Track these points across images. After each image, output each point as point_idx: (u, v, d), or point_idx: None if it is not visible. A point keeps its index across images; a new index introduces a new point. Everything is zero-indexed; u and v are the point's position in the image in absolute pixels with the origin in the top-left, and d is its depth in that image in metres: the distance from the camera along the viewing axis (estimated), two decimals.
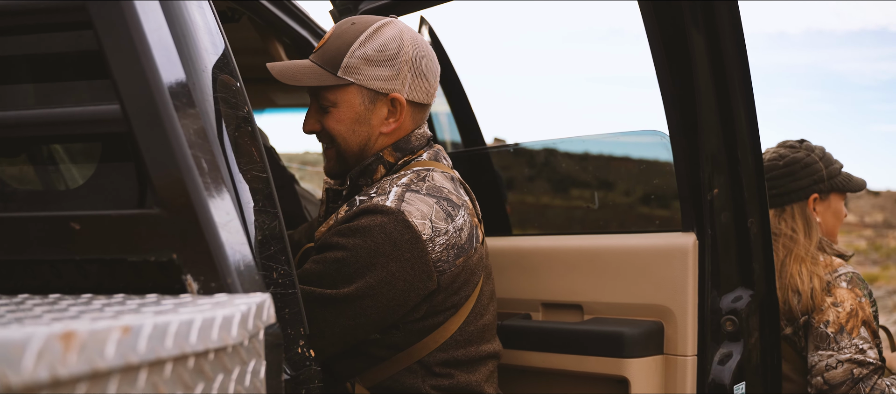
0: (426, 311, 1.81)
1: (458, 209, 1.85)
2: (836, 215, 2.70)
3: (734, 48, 2.01)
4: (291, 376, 1.41)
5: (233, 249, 1.21)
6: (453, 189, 1.89)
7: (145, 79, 1.15)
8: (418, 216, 1.76)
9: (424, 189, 1.83)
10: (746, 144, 2.08)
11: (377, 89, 1.87)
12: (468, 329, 1.89)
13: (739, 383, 2.11)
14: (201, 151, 1.23)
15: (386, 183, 1.87)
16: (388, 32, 1.87)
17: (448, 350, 1.86)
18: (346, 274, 1.72)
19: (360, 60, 1.85)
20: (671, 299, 2.11)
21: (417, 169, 1.91)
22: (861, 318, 2.46)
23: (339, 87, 1.86)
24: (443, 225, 1.79)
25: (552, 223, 3.03)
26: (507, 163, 3.03)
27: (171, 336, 0.81)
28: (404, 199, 1.78)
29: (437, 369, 1.85)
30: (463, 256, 1.83)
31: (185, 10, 1.41)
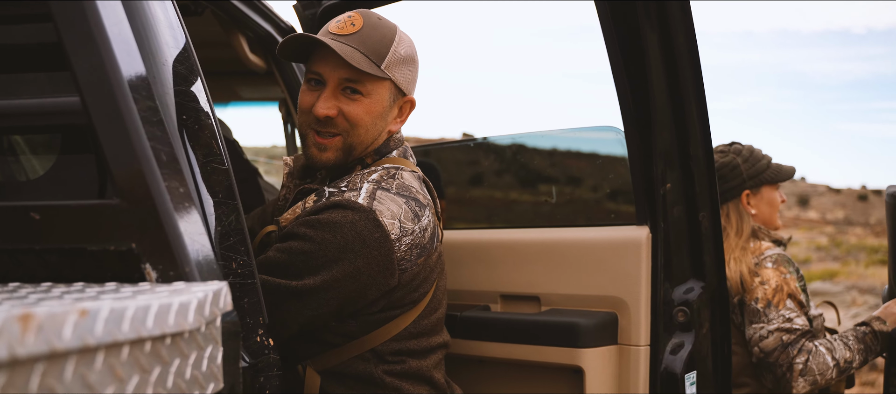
0: (384, 305, 1.85)
1: (423, 209, 1.89)
2: (770, 204, 3.02)
3: (686, 48, 2.07)
4: (250, 363, 1.44)
5: (191, 239, 1.24)
6: (420, 189, 1.94)
7: (105, 72, 1.17)
8: (388, 216, 1.79)
9: (394, 187, 1.86)
10: (698, 140, 2.14)
11: (404, 90, 1.95)
12: (422, 323, 1.94)
13: (691, 372, 2.17)
14: (160, 143, 1.25)
15: (357, 178, 1.89)
16: (406, 38, 1.96)
17: (401, 341, 1.91)
18: (313, 266, 1.75)
19: (398, 59, 1.91)
20: (625, 291, 2.17)
21: (387, 166, 1.94)
22: (786, 292, 2.80)
23: (377, 79, 1.90)
24: (410, 225, 1.83)
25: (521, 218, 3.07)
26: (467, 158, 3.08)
27: (128, 320, 0.84)
28: (376, 197, 1.81)
29: (390, 356, 1.90)
30: (424, 256, 1.87)
31: (147, 5, 1.43)
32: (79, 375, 0.78)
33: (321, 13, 2.67)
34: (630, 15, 2.05)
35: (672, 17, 2.04)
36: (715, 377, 2.26)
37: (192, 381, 1.03)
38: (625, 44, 2.09)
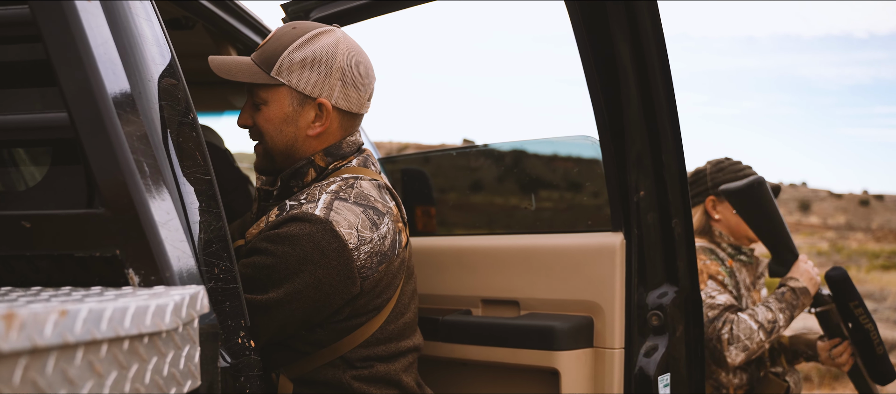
0: (349, 313, 1.90)
1: (382, 217, 1.93)
2: (733, 219, 3.13)
3: (658, 59, 2.14)
4: (231, 364, 1.52)
5: (172, 245, 1.32)
6: (379, 197, 1.97)
7: (90, 89, 1.25)
8: (345, 226, 1.84)
9: (352, 197, 1.90)
10: (670, 149, 2.21)
11: (306, 93, 1.93)
12: (389, 328, 1.99)
13: (664, 375, 2.25)
14: (144, 155, 1.34)
15: (315, 190, 1.93)
16: (324, 40, 1.95)
17: (369, 347, 1.96)
18: (275, 279, 1.80)
19: (292, 63, 1.92)
20: (600, 295, 2.24)
21: (346, 176, 1.98)
22: (706, 274, 2.99)
23: (271, 87, 1.94)
24: (368, 234, 1.87)
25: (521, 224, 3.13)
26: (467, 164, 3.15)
27: (106, 320, 0.92)
28: (333, 207, 1.86)
29: (358, 363, 1.95)
30: (385, 263, 1.91)
31: (134, 23, 1.51)
32: (59, 369, 0.86)
33: None
34: (602, 26, 2.13)
35: (643, 28, 2.11)
36: (689, 379, 2.33)
37: (169, 378, 1.11)
38: (598, 54, 2.16)
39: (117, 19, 1.46)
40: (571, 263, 2.30)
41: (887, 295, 15.71)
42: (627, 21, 2.12)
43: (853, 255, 29.63)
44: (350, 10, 2.68)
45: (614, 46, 2.14)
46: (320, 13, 2.75)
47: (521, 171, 2.87)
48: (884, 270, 23.19)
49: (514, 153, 2.87)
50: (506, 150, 2.89)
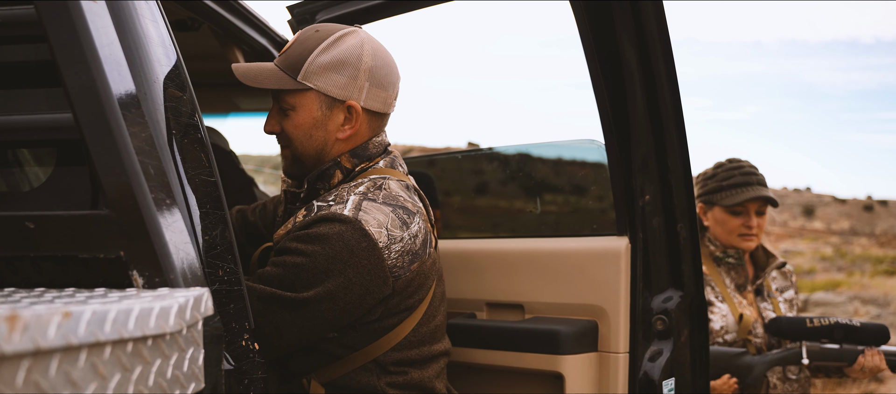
0: (381, 313, 1.89)
1: (413, 216, 1.92)
2: (719, 224, 3.20)
3: (664, 64, 2.13)
4: (234, 366, 1.52)
5: (176, 247, 1.31)
6: (408, 197, 1.96)
7: (96, 91, 1.25)
8: (375, 225, 1.82)
9: (381, 198, 1.90)
10: (676, 153, 2.20)
11: (335, 96, 1.93)
12: (421, 330, 1.97)
13: (668, 379, 2.24)
14: (149, 157, 1.33)
15: (343, 191, 1.92)
16: (349, 41, 1.94)
17: (402, 350, 1.94)
18: (305, 279, 1.78)
19: (319, 67, 1.91)
20: (605, 299, 2.24)
21: (374, 177, 1.96)
22: None
23: (299, 92, 1.93)
24: (398, 233, 1.86)
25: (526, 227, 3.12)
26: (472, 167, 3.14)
27: (110, 322, 0.91)
28: (361, 208, 1.84)
29: (392, 367, 1.92)
30: (417, 262, 1.90)
31: (140, 24, 1.51)
32: (62, 371, 0.85)
33: None
34: (608, 27, 2.12)
35: (649, 30, 2.11)
36: (694, 384, 2.32)
37: (173, 380, 1.11)
38: (603, 57, 2.15)
39: (123, 20, 1.46)
40: (576, 267, 2.29)
41: (891, 300, 15.69)
42: (633, 23, 2.11)
43: (857, 260, 29.60)
44: (357, 12, 2.68)
45: (620, 48, 2.13)
46: (327, 15, 2.75)
47: (527, 174, 2.87)
48: (887, 276, 23.16)
49: (519, 157, 2.86)
50: (511, 153, 2.89)
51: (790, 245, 37.27)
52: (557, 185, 2.82)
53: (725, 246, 3.19)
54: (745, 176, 3.18)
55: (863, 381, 3.95)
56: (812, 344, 2.99)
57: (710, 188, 3.22)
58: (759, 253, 3.30)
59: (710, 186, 3.23)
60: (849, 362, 2.97)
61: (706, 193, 3.24)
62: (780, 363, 3.00)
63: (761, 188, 3.16)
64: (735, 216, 3.16)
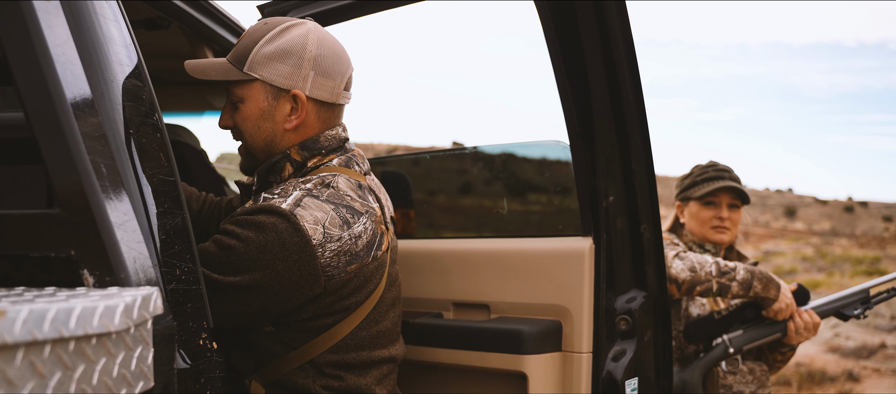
0: (314, 312, 1.88)
1: (358, 217, 1.90)
2: (695, 218, 3.37)
3: (627, 65, 2.15)
4: (191, 365, 1.52)
5: (129, 246, 1.32)
6: (358, 196, 1.95)
7: (47, 90, 1.25)
8: (311, 221, 1.82)
9: (325, 195, 1.89)
10: (640, 155, 2.22)
11: (278, 85, 1.93)
12: (360, 334, 1.96)
13: (632, 379, 2.26)
14: (102, 156, 1.33)
15: (289, 185, 1.92)
16: (293, 32, 1.95)
17: (339, 352, 1.93)
18: (234, 263, 1.79)
19: (263, 57, 1.92)
20: (569, 300, 2.25)
21: (324, 174, 1.96)
22: None
23: (245, 83, 1.95)
24: (336, 232, 1.84)
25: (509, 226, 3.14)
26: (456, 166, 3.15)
27: (48, 321, 0.92)
28: (301, 203, 1.84)
29: (328, 370, 1.93)
30: (356, 263, 1.88)
31: (99, 24, 1.51)
32: None
33: None
34: (572, 32, 2.13)
35: (612, 34, 2.13)
36: (657, 383, 2.34)
37: (119, 379, 1.11)
38: (568, 61, 2.17)
39: (80, 20, 1.46)
40: (541, 268, 2.31)
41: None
42: (596, 22, 2.12)
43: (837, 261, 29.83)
44: (328, 12, 2.69)
45: (583, 49, 2.15)
46: (298, 15, 2.76)
47: (494, 174, 2.88)
48: (867, 276, 23.35)
49: (487, 156, 2.88)
50: (478, 152, 2.90)
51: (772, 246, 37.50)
52: (526, 184, 2.84)
53: (701, 240, 3.33)
54: (717, 172, 3.35)
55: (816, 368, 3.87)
56: (734, 335, 3.07)
57: (686, 185, 3.42)
58: (733, 255, 3.43)
59: (685, 184, 3.43)
60: (782, 332, 3.06)
61: (682, 190, 3.43)
62: (710, 365, 3.08)
63: (732, 183, 3.30)
64: (707, 207, 3.32)
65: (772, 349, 3.20)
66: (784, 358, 3.25)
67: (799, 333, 3.04)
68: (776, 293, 2.98)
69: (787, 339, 3.07)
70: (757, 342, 3.06)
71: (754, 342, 3.06)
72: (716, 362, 3.07)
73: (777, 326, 3.06)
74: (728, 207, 3.32)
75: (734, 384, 3.11)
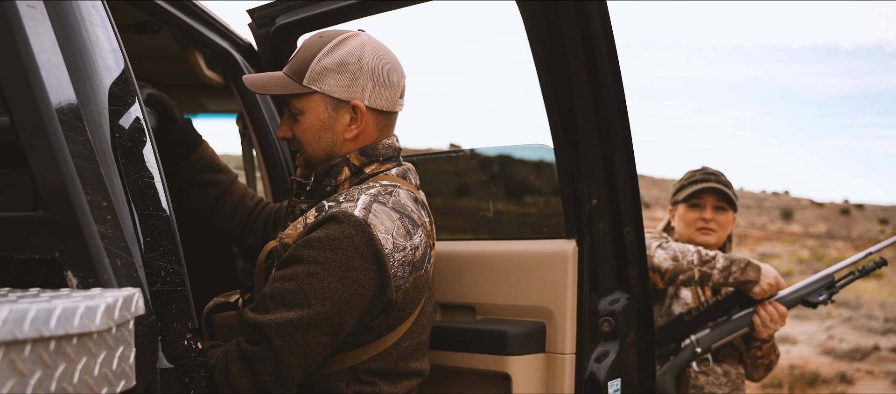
0: (379, 322, 1.90)
1: (416, 228, 1.94)
2: (682, 221, 3.40)
3: (609, 67, 2.17)
4: (175, 365, 1.55)
5: (111, 249, 1.35)
6: (415, 209, 1.98)
7: (32, 94, 1.29)
8: (382, 230, 1.84)
9: (390, 203, 1.91)
10: (622, 158, 2.25)
11: (339, 97, 1.97)
12: (403, 344, 1.98)
13: (614, 380, 2.29)
14: (86, 160, 1.37)
15: (354, 191, 1.94)
16: (350, 43, 1.99)
17: (380, 361, 1.95)
18: (319, 289, 1.78)
19: (322, 70, 1.96)
20: (552, 301, 2.28)
21: (386, 183, 1.99)
22: None
23: (305, 96, 1.98)
24: (401, 241, 1.87)
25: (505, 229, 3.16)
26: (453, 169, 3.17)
27: (29, 321, 0.95)
28: (372, 210, 1.85)
29: (365, 376, 1.93)
30: (415, 274, 1.92)
31: (86, 30, 1.54)
32: None
33: (274, 32, 2.78)
34: (554, 33, 2.16)
35: (595, 35, 2.15)
36: (640, 384, 2.37)
37: (101, 378, 1.14)
38: (552, 66, 2.19)
39: (67, 26, 1.49)
40: (525, 270, 2.34)
41: (862, 303, 15.86)
42: (578, 24, 2.14)
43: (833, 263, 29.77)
44: (318, 16, 2.71)
45: (566, 50, 2.17)
46: (287, 19, 2.78)
47: (481, 176, 2.91)
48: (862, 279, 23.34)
49: (474, 158, 2.90)
50: (471, 154, 2.92)
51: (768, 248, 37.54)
52: (511, 186, 2.87)
53: (688, 242, 3.33)
54: (705, 175, 3.37)
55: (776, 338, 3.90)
56: (701, 334, 3.09)
57: (676, 189, 3.45)
58: None
59: (675, 189, 3.46)
60: (749, 327, 3.08)
61: (673, 194, 3.46)
62: (680, 367, 3.11)
63: (718, 186, 3.30)
64: (693, 209, 3.34)
65: (748, 348, 3.21)
66: (763, 354, 3.20)
67: (766, 325, 3.05)
68: (756, 275, 3.01)
69: (755, 333, 3.07)
70: (725, 339, 3.08)
71: (722, 340, 3.08)
72: (686, 363, 3.09)
73: (743, 321, 3.07)
74: (713, 209, 3.32)
75: (706, 385, 3.14)
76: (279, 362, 1.76)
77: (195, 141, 2.41)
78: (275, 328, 1.76)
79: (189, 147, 2.38)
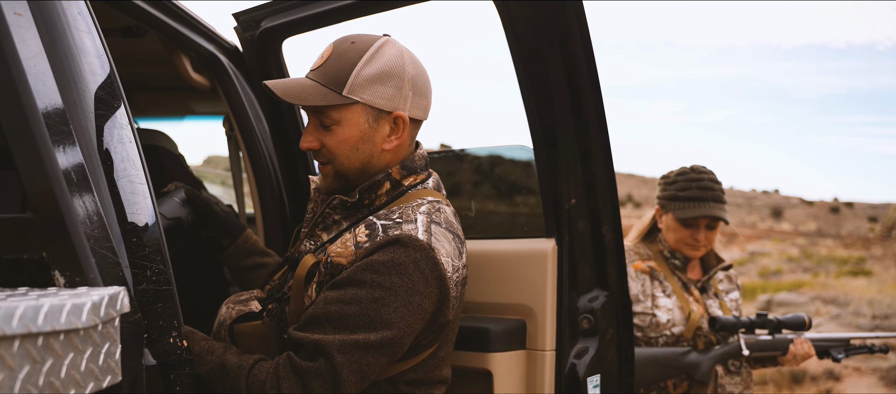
0: (432, 339, 1.91)
1: (463, 246, 1.96)
2: (670, 230, 3.36)
3: (586, 67, 2.20)
4: (161, 362, 1.59)
5: (98, 249, 1.39)
6: (458, 225, 1.99)
7: (19, 98, 1.33)
8: (444, 254, 1.84)
9: (443, 223, 1.91)
10: (599, 157, 2.30)
11: (381, 108, 1.90)
12: (440, 354, 1.98)
13: (594, 376, 2.34)
14: (72, 162, 1.41)
15: (408, 210, 1.89)
16: (389, 52, 1.91)
17: (418, 371, 1.94)
18: (385, 314, 1.76)
19: (365, 80, 1.87)
20: (533, 299, 2.33)
21: (431, 199, 1.96)
22: None
23: (344, 107, 1.89)
24: (457, 262, 1.89)
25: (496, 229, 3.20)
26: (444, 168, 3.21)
27: (17, 317, 0.99)
28: (432, 233, 1.85)
29: (403, 386, 1.93)
30: (463, 291, 1.96)
31: (72, 35, 1.58)
32: None
33: (259, 35, 2.81)
34: (531, 32, 2.19)
35: (571, 35, 2.18)
36: (619, 381, 2.42)
37: (87, 373, 1.18)
38: (528, 62, 2.23)
39: (53, 32, 1.53)
40: (506, 268, 2.38)
41: (851, 301, 15.97)
42: (554, 23, 2.17)
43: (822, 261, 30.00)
44: (303, 19, 2.74)
45: (542, 50, 2.20)
46: (272, 22, 2.82)
47: (469, 176, 2.95)
48: (852, 276, 23.51)
49: (457, 158, 2.95)
50: (458, 155, 2.97)
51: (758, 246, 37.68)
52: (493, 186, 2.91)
53: (673, 250, 3.35)
54: (701, 190, 3.27)
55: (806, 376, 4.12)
56: (749, 336, 3.18)
57: (668, 194, 3.35)
58: (711, 257, 3.45)
59: (668, 193, 3.35)
60: (782, 351, 3.19)
61: (664, 197, 3.37)
62: (724, 357, 3.16)
63: (714, 206, 3.25)
64: (685, 227, 3.30)
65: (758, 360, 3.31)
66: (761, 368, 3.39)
67: (795, 358, 3.22)
68: None
69: (782, 358, 3.23)
70: (765, 353, 3.20)
71: (763, 352, 3.19)
72: (728, 357, 3.17)
73: (783, 344, 3.20)
74: (706, 228, 3.31)
75: (727, 385, 3.22)
76: (337, 379, 1.74)
77: (238, 229, 2.39)
78: (338, 346, 1.74)
79: (233, 236, 2.38)
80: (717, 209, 3.25)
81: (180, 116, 4.27)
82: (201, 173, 5.16)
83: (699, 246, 3.31)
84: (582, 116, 2.26)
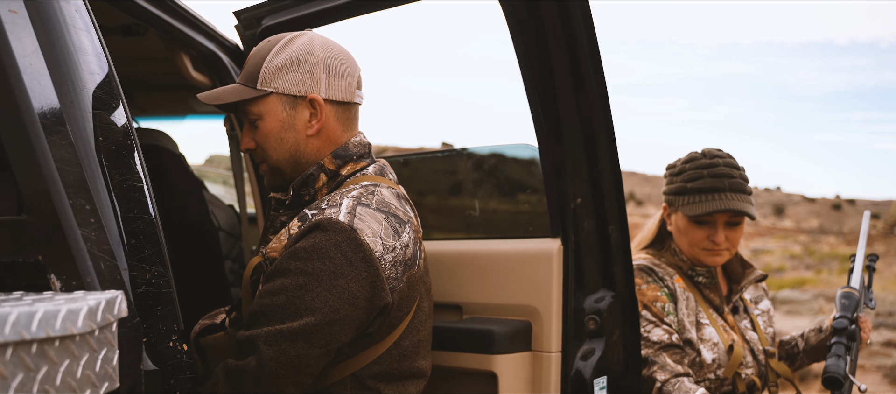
0: (379, 326, 1.88)
1: (404, 226, 1.93)
2: (681, 233, 2.70)
3: (592, 65, 2.18)
4: (160, 367, 1.56)
5: (94, 252, 1.36)
6: (399, 205, 1.97)
7: (14, 100, 1.30)
8: (370, 234, 1.82)
9: (374, 203, 1.90)
10: (605, 156, 2.26)
11: (294, 93, 1.95)
12: (403, 344, 1.95)
13: (600, 378, 2.30)
14: (69, 164, 1.38)
15: (336, 196, 1.92)
16: (298, 41, 1.98)
17: (382, 363, 1.92)
18: (309, 300, 1.75)
19: (274, 70, 1.94)
20: (538, 300, 2.29)
21: (365, 183, 1.97)
22: (640, 303, 2.58)
23: (260, 99, 1.96)
24: (391, 242, 1.86)
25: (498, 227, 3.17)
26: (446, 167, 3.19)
27: (10, 325, 0.96)
28: (356, 214, 1.84)
29: (368, 382, 1.91)
30: (408, 272, 1.91)
31: (70, 35, 1.55)
32: None
33: (260, 34, 2.79)
34: (537, 32, 2.17)
35: (577, 34, 2.16)
36: (625, 382, 2.39)
37: (83, 380, 1.15)
38: (535, 67, 2.21)
39: (50, 30, 1.50)
40: (511, 269, 2.35)
41: None
42: (561, 23, 2.15)
43: (825, 258, 29.96)
44: (305, 17, 2.72)
45: (549, 50, 2.18)
46: (273, 20, 2.79)
47: (471, 174, 2.93)
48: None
49: (466, 157, 2.92)
50: (462, 153, 2.94)
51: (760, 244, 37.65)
52: (498, 185, 2.88)
53: (690, 261, 2.70)
54: (715, 179, 2.60)
55: None
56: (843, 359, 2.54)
57: (676, 188, 2.69)
58: (734, 263, 2.81)
59: (675, 185, 2.69)
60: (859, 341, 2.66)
61: (671, 192, 2.71)
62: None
63: (733, 197, 2.59)
64: (699, 227, 2.64)
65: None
66: None
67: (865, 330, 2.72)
68: None
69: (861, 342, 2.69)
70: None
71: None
72: None
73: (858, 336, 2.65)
74: (725, 226, 2.63)
75: None
76: (266, 373, 1.74)
77: None
78: (264, 338, 1.75)
79: None
80: (738, 201, 2.56)
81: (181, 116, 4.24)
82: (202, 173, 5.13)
83: (719, 250, 2.63)
84: (588, 114, 2.23)
